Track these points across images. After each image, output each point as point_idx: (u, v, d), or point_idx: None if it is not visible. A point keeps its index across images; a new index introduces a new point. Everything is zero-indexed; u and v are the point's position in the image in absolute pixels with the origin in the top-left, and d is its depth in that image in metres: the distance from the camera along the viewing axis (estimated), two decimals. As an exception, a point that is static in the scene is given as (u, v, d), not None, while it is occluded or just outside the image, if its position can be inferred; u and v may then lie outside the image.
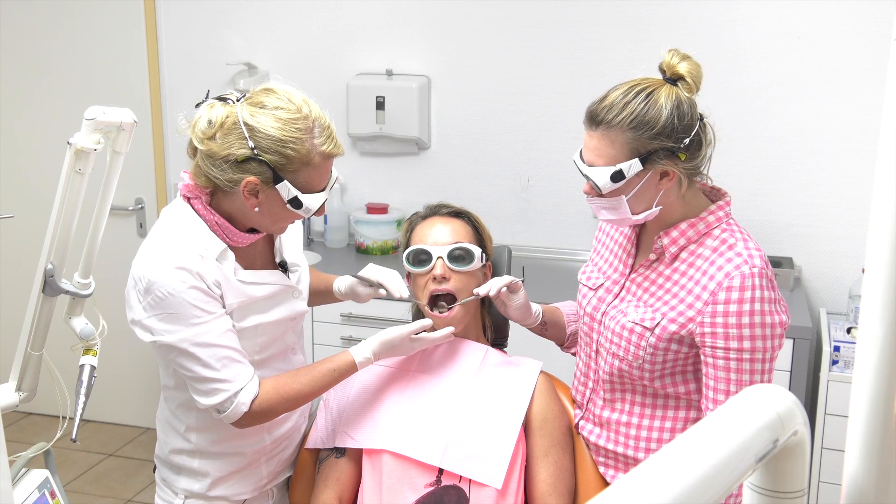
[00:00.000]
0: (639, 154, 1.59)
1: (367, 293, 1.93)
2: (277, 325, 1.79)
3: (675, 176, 1.62)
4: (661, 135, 1.59)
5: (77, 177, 1.54)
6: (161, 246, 1.68)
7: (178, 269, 1.62)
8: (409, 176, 3.52)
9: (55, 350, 1.77)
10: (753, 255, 1.62)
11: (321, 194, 1.68)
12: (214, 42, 3.63)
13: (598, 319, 1.78)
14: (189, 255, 1.64)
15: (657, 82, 1.63)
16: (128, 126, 1.59)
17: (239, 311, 1.70)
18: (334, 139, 1.68)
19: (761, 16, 3.02)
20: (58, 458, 1.77)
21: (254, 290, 1.72)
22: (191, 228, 1.68)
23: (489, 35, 3.32)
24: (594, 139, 1.63)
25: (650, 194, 1.64)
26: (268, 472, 1.88)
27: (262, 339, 1.77)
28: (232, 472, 1.83)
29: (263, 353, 1.78)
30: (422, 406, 1.80)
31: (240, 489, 1.85)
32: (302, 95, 1.67)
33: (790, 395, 0.85)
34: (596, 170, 1.62)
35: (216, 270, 1.66)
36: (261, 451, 1.84)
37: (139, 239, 3.83)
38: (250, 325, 1.73)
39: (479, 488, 1.71)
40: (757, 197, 3.09)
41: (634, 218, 1.66)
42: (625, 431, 1.76)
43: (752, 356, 1.59)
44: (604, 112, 1.61)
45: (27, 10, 3.78)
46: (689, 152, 1.61)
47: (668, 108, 1.59)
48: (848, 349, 2.68)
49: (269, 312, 1.76)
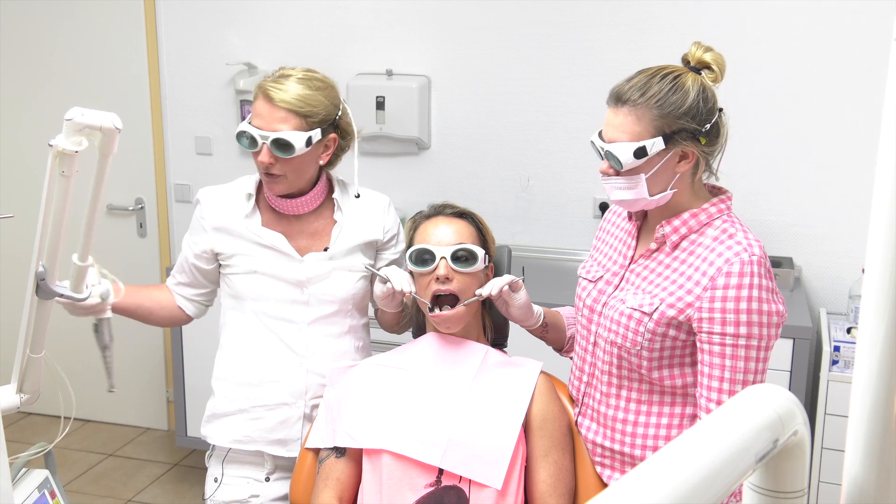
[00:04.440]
0: (663, 132, 1.62)
1: (380, 289, 1.93)
2: (268, 279, 1.99)
3: (693, 159, 1.65)
4: (686, 115, 1.62)
5: (62, 179, 1.51)
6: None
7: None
8: (409, 176, 3.52)
9: (56, 350, 1.77)
10: (753, 245, 1.63)
11: (249, 127, 1.90)
12: (214, 42, 3.63)
13: (597, 311, 1.79)
14: (207, 188, 2.06)
15: (682, 69, 1.68)
16: (107, 131, 1.52)
17: (221, 239, 2.00)
18: (280, 82, 1.90)
19: (761, 16, 3.02)
20: (58, 458, 1.77)
21: (249, 234, 1.99)
22: (247, 178, 2.06)
23: (489, 35, 3.32)
24: (619, 115, 1.65)
25: (668, 175, 1.66)
26: (247, 431, 2.02)
27: (255, 286, 2.00)
28: (214, 414, 2.06)
29: (258, 302, 2.00)
30: (422, 406, 1.80)
31: (220, 435, 2.04)
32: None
33: (790, 395, 0.85)
34: (618, 145, 1.64)
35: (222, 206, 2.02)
36: (234, 399, 2.03)
37: (139, 239, 3.83)
38: (239, 263, 2.00)
39: (479, 488, 1.71)
40: (757, 197, 3.09)
41: (649, 199, 1.67)
42: (621, 428, 1.76)
43: (748, 343, 1.60)
44: (630, 91, 1.64)
45: (27, 11, 3.78)
46: (708, 137, 1.65)
47: (694, 90, 1.64)
48: (848, 349, 2.68)
49: (261, 262, 1.99)
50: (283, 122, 1.88)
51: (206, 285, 2.09)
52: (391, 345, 2.05)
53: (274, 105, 1.88)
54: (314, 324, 2.00)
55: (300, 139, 1.88)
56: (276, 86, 1.90)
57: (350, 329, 2.06)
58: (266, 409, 2.01)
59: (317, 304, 2.00)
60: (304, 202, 2.00)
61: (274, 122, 1.89)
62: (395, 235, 2.10)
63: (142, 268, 3.82)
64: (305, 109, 1.89)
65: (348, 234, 2.02)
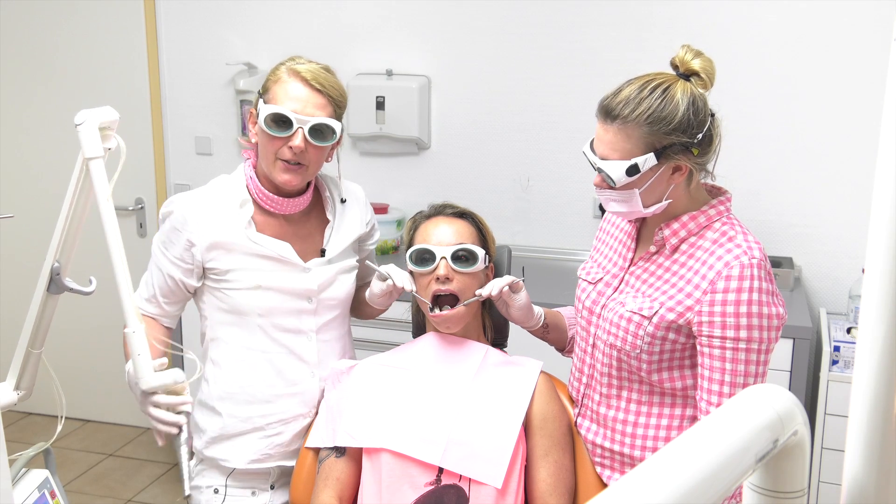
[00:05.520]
0: (654, 148, 1.60)
1: (379, 287, 1.92)
2: (274, 293, 1.89)
3: (687, 170, 1.64)
4: (677, 130, 1.60)
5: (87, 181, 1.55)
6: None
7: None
8: (409, 176, 3.51)
9: (55, 350, 1.77)
10: (753, 247, 1.63)
11: (286, 109, 1.79)
12: (214, 42, 3.63)
13: (596, 313, 1.78)
14: (181, 197, 1.92)
15: (671, 78, 1.64)
16: (113, 123, 1.57)
17: (215, 255, 1.87)
18: (309, 65, 1.84)
19: (761, 16, 3.02)
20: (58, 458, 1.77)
21: (251, 245, 1.87)
22: (225, 180, 1.94)
23: (489, 35, 3.32)
24: (609, 133, 1.63)
25: (662, 188, 1.65)
26: (264, 449, 1.93)
27: (259, 300, 1.89)
28: (221, 435, 1.93)
29: (265, 317, 1.90)
30: (422, 405, 1.80)
31: (235, 456, 1.93)
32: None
33: (790, 395, 0.85)
34: (610, 163, 1.62)
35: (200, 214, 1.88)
36: (246, 419, 1.92)
37: (139, 239, 3.83)
38: (243, 278, 1.88)
39: (478, 487, 1.71)
40: (757, 197, 3.09)
41: (644, 211, 1.67)
42: (621, 429, 1.76)
43: (748, 346, 1.60)
44: (620, 107, 1.61)
45: (27, 11, 3.78)
46: (701, 147, 1.63)
47: (684, 103, 1.60)
48: (848, 349, 2.68)
49: (266, 276, 1.88)
50: (322, 108, 1.82)
51: (189, 297, 1.97)
52: (391, 345, 2.05)
53: (314, 89, 1.81)
54: (321, 331, 1.96)
55: (337, 127, 1.84)
56: (309, 67, 1.83)
57: (347, 330, 2.05)
58: (282, 423, 1.94)
59: (323, 311, 1.95)
60: (300, 200, 1.92)
61: (312, 106, 1.81)
62: (374, 225, 2.08)
63: (142, 268, 3.80)
64: (339, 98, 1.86)
65: (340, 233, 1.98)
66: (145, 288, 1.95)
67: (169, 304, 1.94)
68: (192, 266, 1.89)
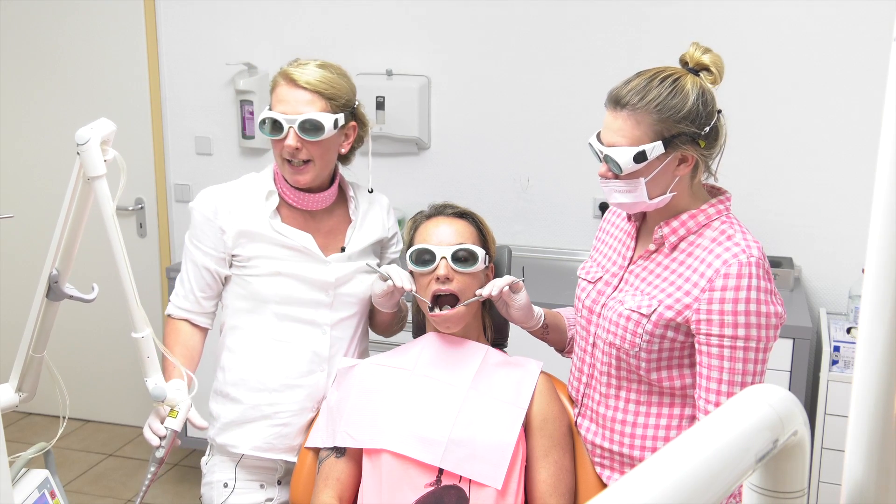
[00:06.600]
0: (662, 137, 1.61)
1: (380, 287, 1.93)
2: (293, 281, 1.93)
3: (693, 162, 1.65)
4: (686, 119, 1.62)
5: (85, 184, 1.55)
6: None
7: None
8: (409, 176, 3.51)
9: (55, 350, 1.77)
10: (752, 246, 1.63)
11: (274, 112, 1.86)
12: (214, 42, 3.63)
13: (596, 312, 1.78)
14: (211, 189, 1.97)
15: (681, 70, 1.67)
16: (111, 135, 1.58)
17: (242, 242, 1.92)
18: (303, 66, 1.88)
19: (761, 16, 3.02)
20: (58, 458, 1.77)
21: (274, 235, 1.92)
22: (254, 176, 2.00)
23: (489, 35, 3.32)
24: (618, 120, 1.64)
25: (667, 179, 1.65)
26: (268, 438, 1.96)
27: (277, 287, 1.93)
28: (233, 421, 1.97)
29: (282, 305, 1.94)
30: (422, 406, 1.80)
31: (243, 442, 1.96)
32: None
33: (790, 395, 0.85)
34: (618, 149, 1.63)
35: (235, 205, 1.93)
36: (256, 405, 1.95)
37: (139, 239, 3.83)
38: (263, 265, 1.93)
39: (479, 488, 1.71)
40: (757, 197, 3.09)
41: (649, 203, 1.67)
42: (620, 429, 1.76)
43: (746, 344, 1.60)
44: (630, 94, 1.63)
45: (27, 11, 3.78)
46: (708, 140, 1.64)
47: (693, 94, 1.63)
48: (848, 349, 2.68)
49: (286, 264, 1.93)
50: (310, 104, 1.86)
51: (221, 290, 2.01)
52: (391, 345, 2.05)
53: (299, 87, 1.86)
54: (336, 326, 1.98)
55: (328, 120, 1.87)
56: (299, 69, 1.88)
57: (363, 332, 2.06)
58: (291, 414, 1.96)
59: (340, 307, 1.98)
60: (324, 197, 1.97)
61: (299, 104, 1.86)
62: (395, 234, 2.12)
63: (142, 268, 3.82)
64: (330, 91, 1.88)
65: (361, 233, 2.02)
66: (180, 286, 2.00)
67: (205, 298, 1.98)
68: (224, 255, 1.95)
